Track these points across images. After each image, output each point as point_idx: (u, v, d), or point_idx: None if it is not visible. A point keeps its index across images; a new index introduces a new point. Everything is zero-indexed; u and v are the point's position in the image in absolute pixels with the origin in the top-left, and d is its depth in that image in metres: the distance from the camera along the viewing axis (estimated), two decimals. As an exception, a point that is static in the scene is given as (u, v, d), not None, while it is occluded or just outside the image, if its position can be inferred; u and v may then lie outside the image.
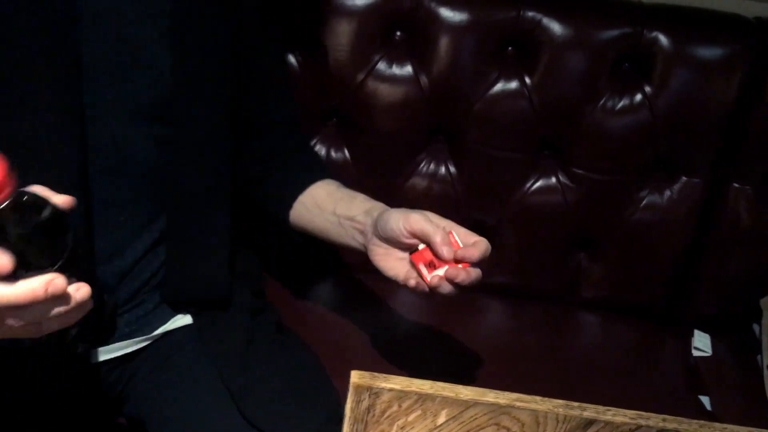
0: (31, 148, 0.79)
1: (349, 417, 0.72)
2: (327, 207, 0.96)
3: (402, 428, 0.71)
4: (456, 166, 1.33)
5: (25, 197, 0.54)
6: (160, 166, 0.90)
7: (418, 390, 0.75)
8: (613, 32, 1.23)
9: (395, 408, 0.73)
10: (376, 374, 0.76)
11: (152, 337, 0.98)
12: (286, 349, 1.01)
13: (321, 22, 1.24)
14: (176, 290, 0.96)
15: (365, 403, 0.73)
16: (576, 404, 0.76)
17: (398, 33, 1.28)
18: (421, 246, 0.85)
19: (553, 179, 1.32)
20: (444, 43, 1.26)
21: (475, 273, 0.83)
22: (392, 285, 0.88)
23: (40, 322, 0.57)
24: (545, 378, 1.20)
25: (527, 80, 1.27)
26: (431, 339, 1.28)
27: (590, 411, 0.75)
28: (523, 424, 0.74)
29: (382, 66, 1.27)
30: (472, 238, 0.84)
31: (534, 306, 1.40)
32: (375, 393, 0.74)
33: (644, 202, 1.32)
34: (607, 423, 0.75)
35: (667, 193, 1.31)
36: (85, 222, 0.84)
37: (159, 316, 0.98)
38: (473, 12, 1.25)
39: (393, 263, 0.87)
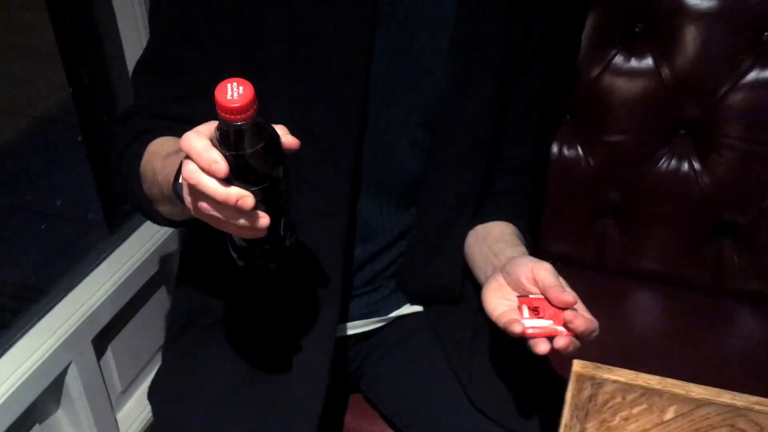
0: (317, 137, 0.86)
1: (570, 404, 0.71)
2: (489, 240, 0.95)
3: (626, 420, 0.69)
4: (701, 162, 1.25)
5: (262, 122, 0.63)
6: (420, 169, 0.96)
7: (644, 384, 0.73)
8: None
9: (618, 400, 0.72)
10: (599, 365, 0.74)
11: (387, 320, 1.05)
12: (510, 341, 1.02)
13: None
14: (409, 282, 1.02)
15: (587, 392, 0.72)
16: (829, 413, 0.68)
17: (638, 24, 1.23)
18: (534, 294, 0.80)
19: (818, 176, 1.19)
20: (690, 32, 1.19)
21: (573, 345, 0.76)
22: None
23: (219, 219, 0.65)
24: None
25: (788, 67, 1.16)
26: (679, 353, 1.20)
27: None
28: (762, 428, 0.68)
29: (619, 60, 1.24)
30: (588, 315, 0.78)
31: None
32: (598, 383, 0.73)
33: None
34: None
35: None
36: (350, 205, 0.92)
37: (394, 302, 1.05)
38: (723, -1, 1.17)
39: (498, 300, 0.81)
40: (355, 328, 1.03)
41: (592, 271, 1.36)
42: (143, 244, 1.36)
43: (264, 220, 0.66)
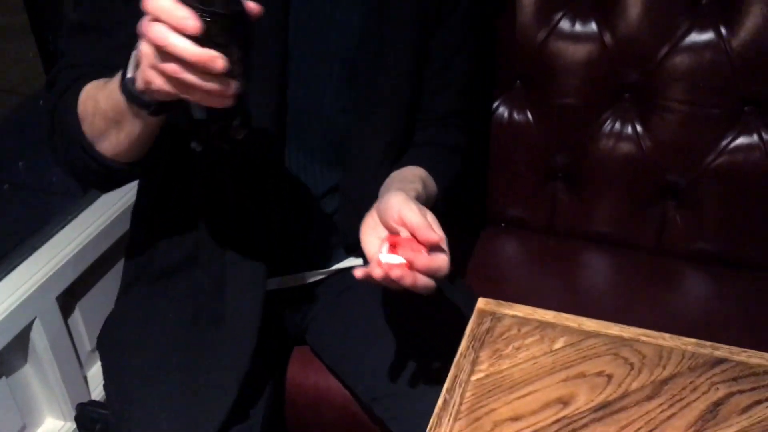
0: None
1: (468, 335, 0.76)
2: (394, 180, 0.97)
3: (517, 349, 0.74)
4: (643, 125, 1.28)
5: None
6: (343, 122, 1.00)
7: (540, 318, 0.77)
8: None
9: (514, 332, 0.76)
10: (502, 302, 0.79)
11: (328, 272, 1.09)
12: (444, 293, 1.06)
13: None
14: (347, 234, 1.06)
15: (485, 326, 0.77)
16: (708, 343, 0.73)
17: (580, -10, 1.26)
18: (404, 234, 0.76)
19: (755, 137, 1.22)
20: (629, -4, 1.22)
21: (415, 279, 0.72)
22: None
23: (185, 84, 0.64)
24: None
25: (723, 31, 1.19)
26: (623, 310, 1.24)
27: (723, 351, 0.72)
28: (643, 356, 0.72)
29: (564, 24, 1.27)
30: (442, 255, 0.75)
31: (738, 275, 1.30)
32: (497, 318, 0.78)
33: None
34: (738, 363, 0.71)
35: None
36: (279, 157, 0.96)
37: (335, 256, 1.09)
38: (661, -39, 1.20)
39: (373, 239, 0.80)
40: (295, 281, 1.07)
41: (544, 233, 1.40)
42: (110, 206, 1.41)
43: (234, 85, 0.65)
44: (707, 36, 1.20)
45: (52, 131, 0.89)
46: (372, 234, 0.81)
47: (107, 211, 1.40)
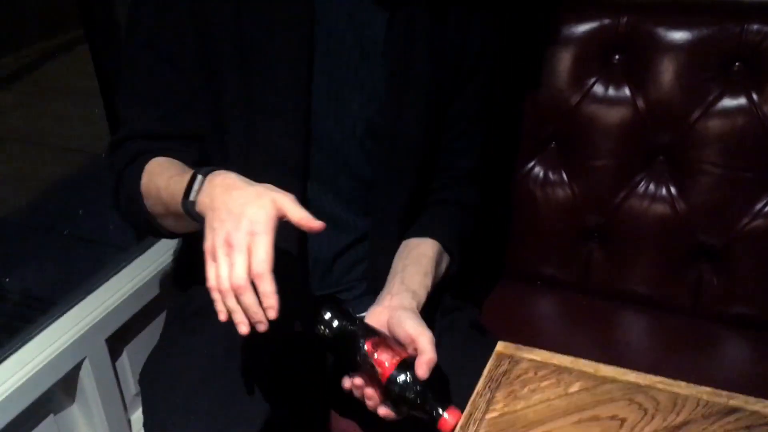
0: (266, 147, 0.99)
1: (485, 376, 0.78)
2: (409, 256, 1.05)
3: (533, 391, 0.76)
4: (677, 186, 1.30)
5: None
6: (369, 175, 1.06)
7: (557, 363, 0.80)
8: None
9: (530, 375, 0.78)
10: (520, 346, 0.82)
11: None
12: (474, 341, 1.08)
13: (539, 50, 1.32)
14: (376, 284, 1.10)
15: (503, 368, 0.79)
16: (724, 392, 0.74)
17: (616, 56, 1.31)
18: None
19: (789, 199, 1.23)
20: (663, 63, 1.27)
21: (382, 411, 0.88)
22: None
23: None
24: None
25: (755, 96, 1.22)
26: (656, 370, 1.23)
27: (738, 400, 0.73)
28: (658, 403, 0.74)
29: (598, 89, 1.32)
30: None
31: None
32: (515, 361, 0.80)
33: None
34: (753, 412, 0.71)
35: None
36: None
37: (366, 303, 1.13)
38: (693, 31, 1.25)
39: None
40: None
41: (577, 292, 1.41)
42: (160, 255, 1.49)
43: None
44: (739, 101, 1.23)
45: (117, 190, 1.01)
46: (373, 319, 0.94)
47: (158, 259, 1.48)
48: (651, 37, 1.27)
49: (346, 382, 0.89)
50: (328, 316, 0.88)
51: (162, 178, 0.92)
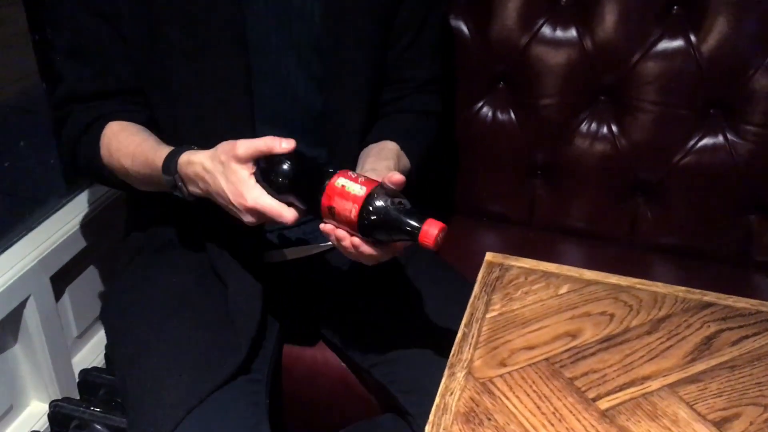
0: (212, 89, 0.99)
1: (479, 282, 0.82)
2: (370, 154, 1.04)
3: (526, 293, 0.80)
4: (618, 125, 1.37)
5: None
6: (319, 105, 1.06)
7: (544, 269, 0.84)
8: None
9: (521, 279, 0.83)
10: (508, 255, 0.86)
11: (326, 246, 1.14)
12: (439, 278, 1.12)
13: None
14: None
15: (495, 274, 0.83)
16: (698, 291, 0.80)
17: (562, -1, 1.36)
18: None
19: (720, 137, 1.33)
20: (608, 5, 1.32)
21: (360, 251, 0.81)
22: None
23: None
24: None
25: (692, 38, 1.30)
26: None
27: (711, 296, 0.79)
28: (640, 300, 0.79)
29: (546, 30, 1.37)
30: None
31: (704, 268, 1.39)
32: (505, 268, 0.84)
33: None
34: (726, 306, 0.78)
35: None
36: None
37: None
38: (636, -27, 1.31)
39: None
40: (295, 253, 1.12)
41: (524, 227, 1.48)
42: (105, 191, 1.44)
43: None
44: (677, 42, 1.31)
45: (72, 157, 1.05)
46: None
47: (102, 195, 1.43)
48: (596, -21, 1.33)
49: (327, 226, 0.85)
50: (286, 165, 0.83)
51: (128, 159, 0.97)
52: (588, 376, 0.69)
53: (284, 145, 0.82)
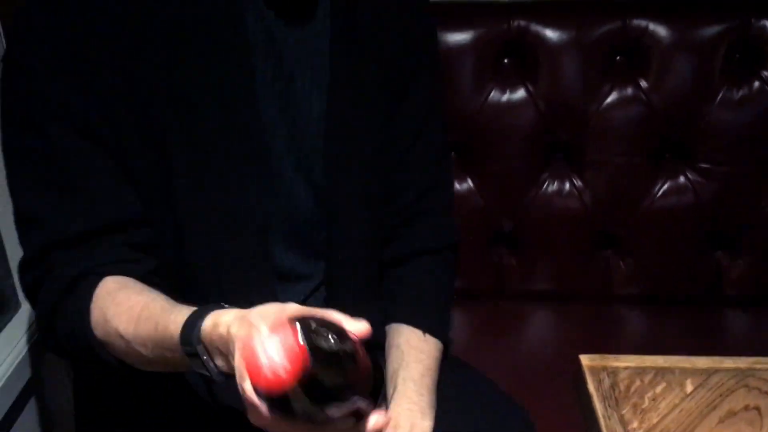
0: (223, 206, 0.82)
1: (596, 396, 0.71)
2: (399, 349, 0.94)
3: (653, 400, 0.70)
4: (580, 180, 1.34)
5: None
6: (319, 215, 0.91)
7: (653, 364, 0.75)
8: (720, 27, 1.26)
9: (638, 383, 0.73)
10: (605, 355, 0.75)
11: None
12: (463, 373, 1.00)
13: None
14: None
15: (607, 382, 0.73)
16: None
17: (505, 60, 1.31)
18: None
19: (682, 179, 1.33)
20: (552, 63, 1.29)
21: None
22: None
23: None
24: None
25: (642, 83, 1.29)
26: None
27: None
28: (769, 382, 0.72)
29: (495, 94, 1.30)
30: None
31: (677, 310, 1.37)
32: (612, 371, 0.74)
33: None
34: None
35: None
36: (266, 256, 0.87)
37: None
38: (579, 29, 1.28)
39: None
40: None
41: (494, 297, 1.39)
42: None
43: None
44: (628, 91, 1.30)
45: (50, 325, 0.79)
46: None
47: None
48: (539, 38, 1.29)
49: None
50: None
51: (130, 326, 0.73)
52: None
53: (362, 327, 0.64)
